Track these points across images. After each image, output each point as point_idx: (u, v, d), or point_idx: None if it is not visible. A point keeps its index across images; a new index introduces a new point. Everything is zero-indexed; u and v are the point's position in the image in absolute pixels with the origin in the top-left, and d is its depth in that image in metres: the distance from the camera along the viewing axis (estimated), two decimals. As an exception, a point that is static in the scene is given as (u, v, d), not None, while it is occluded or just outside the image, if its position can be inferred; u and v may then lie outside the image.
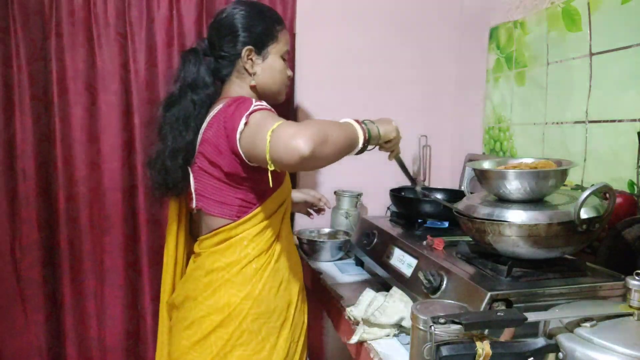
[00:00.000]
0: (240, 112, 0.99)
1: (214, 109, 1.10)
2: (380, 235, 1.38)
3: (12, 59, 1.49)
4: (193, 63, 1.16)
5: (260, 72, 1.17)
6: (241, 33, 1.15)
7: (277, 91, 1.22)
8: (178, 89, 1.15)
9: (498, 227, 0.94)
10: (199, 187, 1.13)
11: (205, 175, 1.10)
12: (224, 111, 1.04)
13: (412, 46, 1.87)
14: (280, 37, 1.20)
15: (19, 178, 1.53)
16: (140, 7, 1.56)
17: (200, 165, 1.10)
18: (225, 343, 1.08)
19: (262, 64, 1.17)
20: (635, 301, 0.70)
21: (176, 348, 1.14)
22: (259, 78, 1.17)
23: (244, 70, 1.16)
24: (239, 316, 1.08)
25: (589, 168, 1.24)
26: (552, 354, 0.69)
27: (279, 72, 1.20)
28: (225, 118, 1.02)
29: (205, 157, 1.08)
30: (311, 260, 1.60)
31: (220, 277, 1.10)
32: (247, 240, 1.10)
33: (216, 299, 1.10)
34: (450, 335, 0.67)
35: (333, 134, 0.91)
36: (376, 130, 1.06)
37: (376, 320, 1.03)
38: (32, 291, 1.57)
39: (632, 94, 1.12)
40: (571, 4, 1.30)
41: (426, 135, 1.88)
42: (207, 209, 1.12)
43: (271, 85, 1.20)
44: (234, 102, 1.03)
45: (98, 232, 1.61)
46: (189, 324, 1.12)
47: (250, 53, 1.15)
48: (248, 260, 1.10)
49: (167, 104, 1.16)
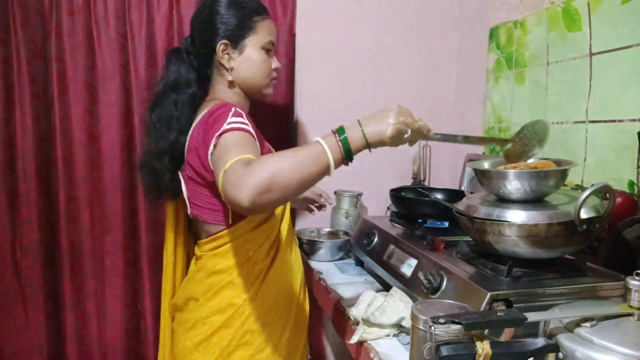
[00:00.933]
0: (214, 128, 0.96)
1: (200, 114, 1.07)
2: (380, 235, 1.38)
3: (13, 58, 1.49)
4: (174, 62, 1.14)
5: (237, 66, 1.12)
6: (216, 27, 1.11)
7: (259, 85, 1.16)
8: (162, 89, 1.14)
9: (498, 227, 0.94)
10: (190, 195, 1.12)
11: (194, 184, 1.09)
12: (205, 121, 1.01)
13: (412, 46, 1.87)
14: (259, 27, 1.13)
15: (20, 178, 1.53)
16: (140, 7, 1.56)
17: (188, 174, 1.09)
18: (228, 343, 1.08)
19: (239, 57, 1.12)
20: (635, 301, 0.70)
21: (180, 349, 1.14)
22: (237, 73, 1.13)
23: (221, 66, 1.13)
24: (242, 316, 1.08)
25: (589, 168, 1.24)
26: (552, 354, 0.69)
27: (259, 64, 1.14)
28: (205, 129, 1.00)
29: (192, 166, 1.07)
30: (311, 260, 1.60)
31: (222, 279, 1.10)
32: (247, 242, 1.10)
33: (218, 300, 1.10)
34: (450, 335, 0.67)
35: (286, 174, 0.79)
36: (359, 135, 0.85)
37: (376, 320, 1.03)
38: (32, 291, 1.58)
39: (632, 94, 1.12)
40: (571, 4, 1.30)
41: (426, 135, 1.87)
42: (201, 217, 1.11)
43: (251, 79, 1.14)
44: (213, 114, 1.00)
45: (98, 231, 1.61)
46: (192, 325, 1.12)
47: (225, 47, 1.11)
48: (249, 262, 1.10)
49: (151, 105, 1.15)
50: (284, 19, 1.69)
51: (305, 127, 1.79)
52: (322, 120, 1.79)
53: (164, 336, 1.27)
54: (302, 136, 1.79)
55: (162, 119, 1.11)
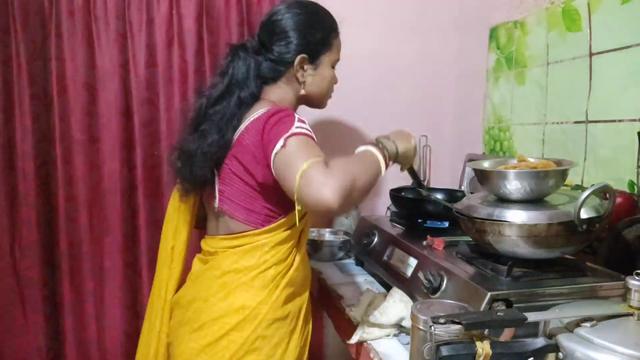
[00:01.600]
0: (280, 129, 0.95)
1: (254, 113, 1.05)
2: (380, 235, 1.38)
3: (12, 58, 1.49)
4: (243, 60, 1.10)
5: (311, 81, 1.14)
6: (296, 39, 1.10)
7: (322, 100, 1.20)
8: (226, 85, 1.10)
9: (498, 227, 0.94)
10: (226, 189, 1.09)
11: (236, 180, 1.07)
12: (265, 120, 0.99)
13: (412, 46, 1.86)
14: (335, 44, 1.16)
15: (19, 178, 1.53)
16: (140, 7, 1.56)
17: (232, 169, 1.06)
18: (239, 348, 1.04)
19: (314, 73, 1.13)
20: (635, 301, 0.70)
21: (183, 351, 1.09)
22: (309, 88, 1.14)
23: (295, 79, 1.13)
24: (255, 320, 1.05)
25: (589, 168, 1.24)
26: (552, 354, 0.69)
27: (329, 81, 1.17)
28: (265, 129, 0.98)
29: (241, 163, 1.04)
30: (311, 260, 1.60)
31: (237, 279, 1.06)
32: (269, 247, 1.07)
33: (231, 301, 1.05)
34: (450, 335, 0.67)
35: (361, 178, 0.89)
36: (394, 150, 1.04)
37: (376, 320, 1.03)
38: (31, 292, 1.57)
39: (632, 94, 1.12)
40: (571, 4, 1.30)
41: (426, 135, 1.87)
42: (231, 213, 1.08)
43: (318, 95, 1.17)
44: (276, 114, 0.99)
45: (98, 232, 1.61)
46: (199, 326, 1.07)
47: (303, 61, 1.11)
48: (267, 266, 1.07)
49: (214, 99, 1.10)
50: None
51: (305, 127, 1.79)
52: (322, 119, 1.79)
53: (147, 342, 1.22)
54: (301, 136, 1.78)
55: (224, 115, 1.07)
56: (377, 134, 1.09)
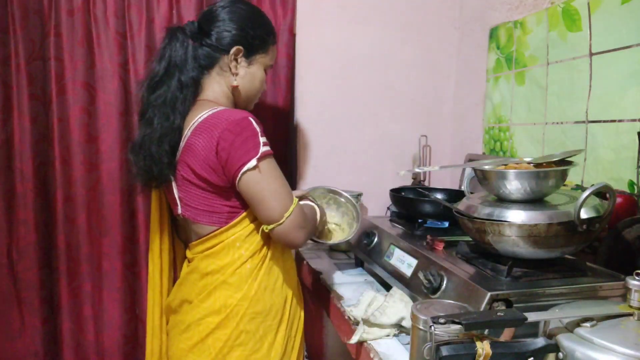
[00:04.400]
0: (248, 146, 0.99)
1: (201, 113, 1.05)
2: (380, 235, 1.38)
3: (11, 58, 1.48)
4: (181, 42, 1.10)
5: (242, 75, 1.15)
6: (235, 30, 1.12)
7: (251, 99, 1.22)
8: (164, 68, 1.09)
9: (498, 227, 0.94)
10: (184, 196, 1.10)
11: (190, 186, 1.08)
12: (222, 129, 1.00)
13: (412, 46, 1.86)
14: (270, 50, 1.20)
15: (17, 178, 1.52)
16: (139, 7, 1.56)
17: (185, 175, 1.07)
18: (223, 344, 1.07)
19: (247, 68, 1.16)
20: (635, 301, 0.70)
21: (174, 351, 1.13)
22: (241, 81, 1.16)
23: (227, 68, 1.14)
24: (236, 317, 1.08)
25: (589, 168, 1.24)
26: (552, 354, 0.69)
27: (260, 81, 1.19)
28: (224, 139, 0.99)
29: (192, 169, 1.04)
30: (312, 260, 1.60)
31: (216, 279, 1.09)
32: (240, 242, 1.09)
33: (212, 301, 1.09)
34: (450, 335, 0.67)
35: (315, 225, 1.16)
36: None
37: (376, 320, 1.03)
38: (28, 294, 1.55)
39: (632, 94, 1.12)
40: (571, 4, 1.30)
41: (426, 135, 1.87)
42: (194, 218, 1.10)
43: (248, 92, 1.19)
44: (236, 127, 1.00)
45: (96, 233, 1.60)
46: (186, 327, 1.11)
47: (239, 53, 1.13)
48: (242, 261, 1.09)
49: (152, 83, 1.10)
50: (284, 19, 1.69)
51: (305, 127, 1.79)
52: (322, 120, 1.79)
53: (152, 343, 1.25)
54: (301, 136, 1.79)
55: (166, 100, 1.06)
56: (377, 133, 1.10)
